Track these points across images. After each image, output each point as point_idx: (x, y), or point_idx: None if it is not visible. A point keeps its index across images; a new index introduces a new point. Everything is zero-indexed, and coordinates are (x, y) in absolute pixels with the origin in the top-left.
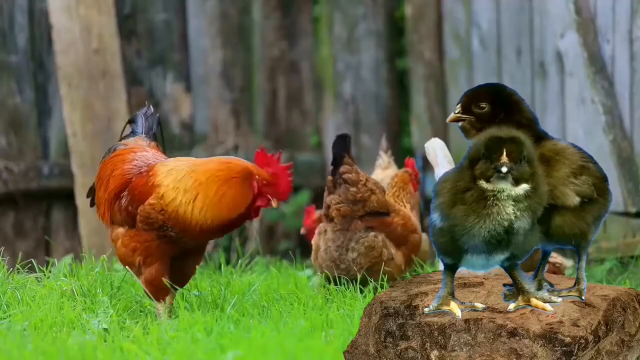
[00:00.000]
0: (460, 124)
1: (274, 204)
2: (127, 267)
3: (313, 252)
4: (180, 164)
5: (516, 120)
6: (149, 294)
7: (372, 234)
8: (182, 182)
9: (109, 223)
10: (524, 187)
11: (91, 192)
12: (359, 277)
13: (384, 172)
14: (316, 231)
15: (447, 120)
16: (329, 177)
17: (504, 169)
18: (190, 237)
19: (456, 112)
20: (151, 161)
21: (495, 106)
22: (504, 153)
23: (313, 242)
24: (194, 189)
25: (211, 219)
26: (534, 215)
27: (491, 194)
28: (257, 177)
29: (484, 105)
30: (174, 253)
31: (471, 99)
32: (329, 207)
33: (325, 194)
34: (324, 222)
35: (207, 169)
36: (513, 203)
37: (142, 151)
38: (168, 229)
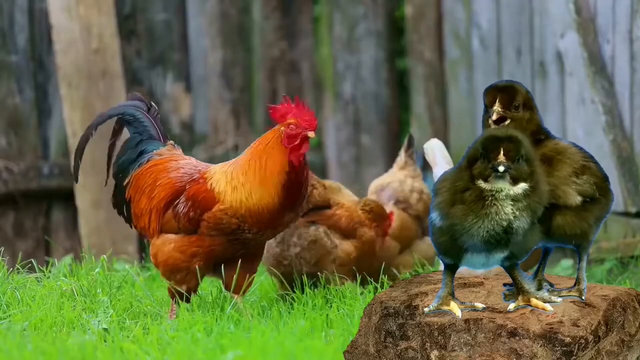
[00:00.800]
0: (506, 122)
1: (310, 134)
2: (169, 272)
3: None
4: (228, 166)
5: (535, 121)
6: (179, 296)
7: (313, 227)
8: (235, 180)
9: (157, 233)
10: (522, 186)
11: (120, 204)
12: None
13: (400, 171)
14: None
15: (493, 118)
16: None
17: (501, 168)
18: (266, 229)
19: (500, 109)
20: (200, 167)
21: (525, 105)
22: (501, 152)
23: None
24: (246, 181)
25: (271, 196)
26: (533, 215)
27: (489, 194)
28: (282, 129)
29: (518, 104)
30: (230, 256)
31: (508, 96)
32: None
33: None
34: None
35: (245, 156)
36: (512, 202)
37: (183, 159)
38: (245, 231)
